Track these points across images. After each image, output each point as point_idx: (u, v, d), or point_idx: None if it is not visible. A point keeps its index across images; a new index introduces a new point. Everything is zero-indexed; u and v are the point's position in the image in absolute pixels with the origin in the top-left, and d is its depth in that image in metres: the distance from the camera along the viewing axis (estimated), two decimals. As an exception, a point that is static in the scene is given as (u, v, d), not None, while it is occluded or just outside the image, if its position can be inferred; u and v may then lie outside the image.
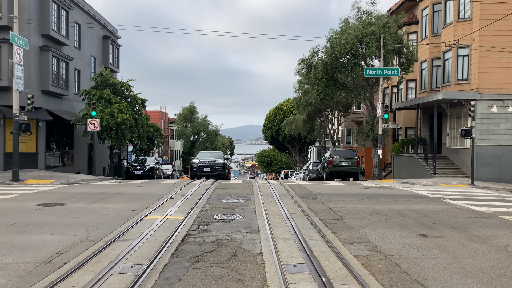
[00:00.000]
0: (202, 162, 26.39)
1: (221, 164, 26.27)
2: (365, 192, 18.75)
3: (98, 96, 29.41)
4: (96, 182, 23.89)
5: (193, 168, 26.35)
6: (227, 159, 29.35)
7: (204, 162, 26.33)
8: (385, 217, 12.55)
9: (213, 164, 26.15)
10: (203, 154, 29.19)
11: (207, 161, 26.36)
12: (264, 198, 16.19)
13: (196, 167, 26.16)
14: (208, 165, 26.06)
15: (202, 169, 25.96)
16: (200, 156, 28.38)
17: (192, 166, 26.70)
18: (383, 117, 25.79)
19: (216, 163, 26.24)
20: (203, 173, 25.89)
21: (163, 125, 66.74)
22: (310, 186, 20.75)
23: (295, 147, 60.93)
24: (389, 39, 26.60)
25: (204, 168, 25.95)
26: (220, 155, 28.36)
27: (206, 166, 25.99)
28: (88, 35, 34.96)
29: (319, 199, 16.20)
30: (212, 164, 26.13)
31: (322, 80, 28.52)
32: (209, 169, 25.92)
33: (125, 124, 28.90)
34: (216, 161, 26.44)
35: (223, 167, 26.24)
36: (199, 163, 26.25)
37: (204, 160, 26.75)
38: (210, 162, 26.23)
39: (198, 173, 25.97)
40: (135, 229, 10.54)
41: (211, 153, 29.41)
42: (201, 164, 26.22)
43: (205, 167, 25.95)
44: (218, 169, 26.01)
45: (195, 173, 26.14)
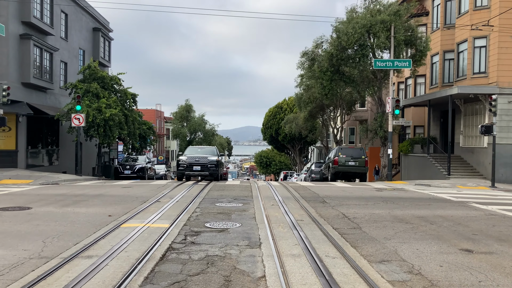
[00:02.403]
0: (190, 159, 22.01)
1: (214, 161, 21.97)
2: (378, 195, 16.64)
3: (85, 90, 27.25)
4: (79, 182, 21.75)
5: (180, 166, 22.09)
6: (222, 155, 25.02)
7: (193, 159, 21.96)
8: (411, 225, 10.44)
9: (204, 161, 21.88)
10: (192, 149, 24.50)
11: (197, 158, 22.04)
12: (265, 202, 14.09)
13: (184, 165, 21.92)
14: (198, 163, 21.82)
15: (191, 168, 21.74)
16: (189, 152, 23.73)
17: (178, 164, 22.40)
18: (393, 113, 23.68)
19: (208, 160, 21.93)
20: (191, 172, 21.85)
21: (159, 124, 64.58)
22: (316, 188, 18.65)
23: (295, 147, 58.80)
24: (400, 28, 24.50)
25: (193, 166, 21.72)
26: (213, 151, 23.73)
27: (195, 164, 21.78)
28: (76, 26, 32.81)
29: (328, 202, 14.10)
30: (203, 161, 21.88)
31: (327, 73, 26.36)
32: (199, 167, 21.68)
33: (114, 120, 26.73)
34: (208, 158, 22.10)
35: (216, 165, 22.00)
36: (187, 161, 21.95)
37: (193, 156, 22.31)
38: (200, 159, 21.99)
39: (185, 172, 21.91)
40: (105, 240, 8.44)
41: (202, 149, 24.81)
42: (189, 161, 21.90)
43: (195, 165, 21.74)
44: (210, 168, 21.76)
45: (182, 173, 22.05)
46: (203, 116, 64.32)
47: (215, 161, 22.08)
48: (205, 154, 22.96)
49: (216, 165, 22.04)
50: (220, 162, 22.96)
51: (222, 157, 24.93)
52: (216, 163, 22.09)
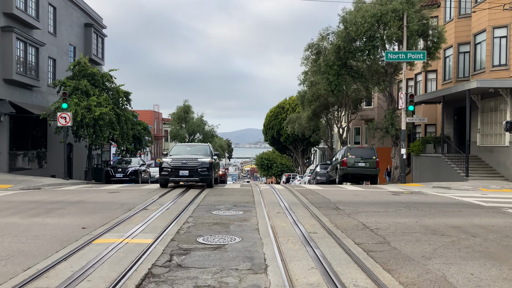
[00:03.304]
0: (176, 161, 17.51)
1: (205, 164, 17.49)
2: (396, 199, 14.73)
3: (73, 87, 25.38)
4: (65, 187, 19.86)
5: (163, 170, 17.56)
6: (217, 155, 20.29)
7: (179, 162, 17.45)
8: (449, 238, 8.54)
9: (193, 164, 17.39)
10: (180, 148, 19.85)
11: (185, 160, 17.50)
12: (269, 209, 12.18)
13: (167, 170, 17.42)
14: (185, 165, 17.35)
15: (176, 173, 17.33)
16: (176, 151, 19.11)
17: (161, 167, 17.74)
18: (407, 110, 21.77)
19: (199, 162, 17.44)
20: (177, 178, 17.58)
21: (157, 126, 62.68)
22: (324, 192, 16.74)
23: (298, 148, 56.82)
24: (413, 17, 22.61)
25: (179, 170, 17.29)
26: (205, 150, 19.16)
27: (182, 167, 17.32)
28: (66, 21, 30.96)
29: (342, 209, 12.19)
30: (192, 164, 17.39)
31: (333, 67, 24.44)
32: (187, 172, 17.25)
33: (104, 119, 24.83)
34: (199, 159, 17.59)
35: (208, 168, 17.53)
36: (172, 163, 17.47)
37: (180, 158, 17.71)
38: (189, 161, 17.46)
39: (170, 178, 17.56)
40: (67, 263, 6.57)
41: (192, 147, 20.08)
42: (174, 164, 17.42)
43: (181, 168, 17.29)
44: (201, 172, 17.31)
45: (166, 179, 17.67)
46: (202, 117, 62.42)
47: (208, 164, 17.58)
48: (195, 154, 18.42)
49: (209, 168, 17.57)
50: (214, 164, 18.74)
51: (216, 157, 20.33)
52: (209, 165, 17.61)
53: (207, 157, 18.15)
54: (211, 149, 19.59)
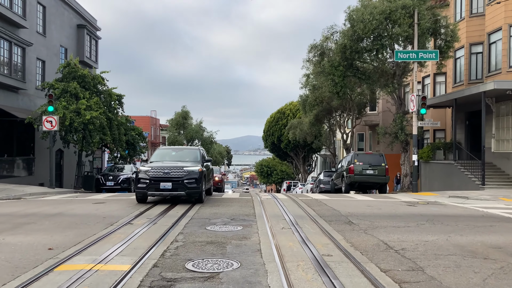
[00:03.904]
0: (156, 170, 13.71)
1: (194, 173, 13.83)
2: (414, 211, 13.14)
3: (62, 90, 23.85)
4: (49, 196, 18.26)
5: (140, 182, 13.82)
6: (209, 161, 16.14)
7: (160, 171, 13.66)
8: (496, 264, 6.99)
9: (178, 174, 13.65)
10: (163, 153, 15.96)
11: (168, 169, 13.72)
12: (272, 223, 10.60)
13: (145, 181, 13.67)
14: (168, 176, 13.59)
15: (157, 185, 13.57)
16: (158, 157, 15.43)
17: (137, 178, 13.99)
18: (419, 113, 20.23)
19: (186, 172, 13.73)
20: (158, 192, 13.73)
21: (154, 132, 61.09)
22: (332, 202, 15.16)
23: (299, 155, 55.20)
24: (425, 14, 21.14)
25: (160, 182, 13.55)
26: (195, 155, 15.41)
27: (164, 178, 13.58)
28: (57, 21, 29.49)
29: (356, 224, 10.61)
30: (176, 174, 13.65)
31: (339, 68, 22.88)
32: (170, 184, 13.53)
33: (94, 123, 23.26)
34: (186, 167, 13.87)
35: (198, 179, 13.84)
36: (151, 173, 13.70)
37: (161, 166, 13.83)
38: (173, 170, 13.70)
39: (148, 192, 13.76)
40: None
41: (179, 151, 16.10)
42: (154, 174, 13.66)
43: (163, 180, 13.56)
44: (188, 184, 13.62)
45: (143, 194, 13.92)
46: (201, 123, 60.94)
47: (197, 173, 13.82)
48: (182, 160, 14.80)
49: (198, 179, 13.82)
50: (205, 173, 14.94)
51: (210, 164, 16.64)
52: (199, 176, 13.85)
53: (196, 164, 14.39)
54: (202, 154, 15.83)
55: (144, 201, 14.36)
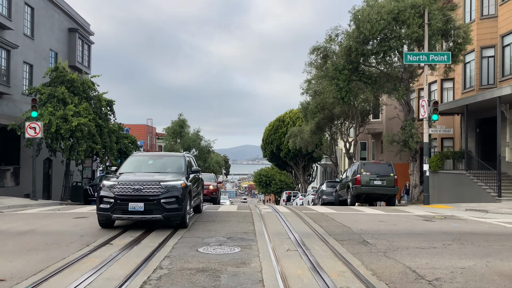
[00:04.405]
0: (124, 186, 10.27)
1: (175, 189, 10.44)
2: (434, 228, 11.66)
3: (49, 95, 22.42)
4: (29, 209, 16.73)
5: (102, 201, 10.33)
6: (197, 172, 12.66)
7: (129, 187, 10.24)
8: None
9: (153, 191, 10.24)
10: (137, 162, 12.45)
11: (139, 184, 10.27)
12: (275, 243, 9.13)
13: (109, 201, 10.23)
14: (138, 194, 10.17)
15: (124, 206, 10.10)
16: (130, 166, 12.05)
17: (99, 196, 10.48)
18: (430, 119, 18.82)
19: (163, 187, 10.32)
20: (125, 215, 10.20)
21: (150, 141, 59.56)
22: (340, 217, 13.68)
23: (299, 164, 53.68)
24: (436, 14, 19.82)
25: (128, 202, 10.11)
26: (178, 164, 12.18)
27: (133, 197, 10.15)
28: (46, 24, 28.12)
29: (372, 244, 9.14)
30: (150, 191, 10.24)
31: (343, 71, 21.45)
32: (142, 204, 10.09)
33: (82, 130, 21.79)
34: (164, 181, 10.45)
35: (179, 197, 10.41)
36: (117, 190, 10.25)
37: (131, 181, 10.40)
38: (146, 185, 10.27)
39: (113, 215, 10.24)
40: None
41: (157, 160, 12.77)
42: (121, 191, 10.21)
43: (132, 199, 10.13)
44: (166, 204, 10.22)
45: (107, 217, 10.40)
46: (199, 132, 59.45)
47: (178, 189, 10.41)
48: (162, 171, 11.66)
49: (180, 197, 10.36)
50: (193, 187, 11.84)
51: (198, 174, 13.34)
52: (182, 192, 10.44)
53: (179, 177, 10.98)
54: (188, 162, 12.52)
55: (109, 226, 10.79)
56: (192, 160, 13.63)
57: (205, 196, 20.48)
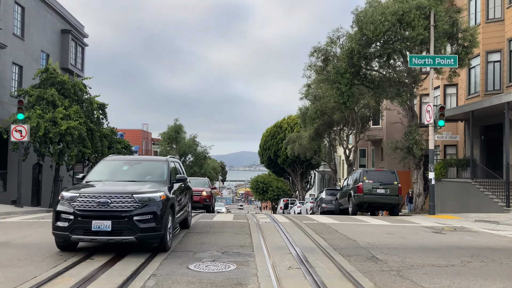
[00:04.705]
0: (87, 198, 8.12)
1: (153, 202, 8.29)
2: (447, 241, 10.77)
3: (38, 96, 21.50)
4: (11, 217, 15.76)
5: (59, 218, 8.13)
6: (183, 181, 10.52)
7: (93, 200, 8.09)
8: None
9: (123, 205, 8.08)
10: (109, 168, 10.21)
11: (106, 196, 8.12)
12: (275, 259, 8.21)
13: (68, 218, 8.04)
14: (105, 210, 8.02)
15: (86, 224, 7.92)
16: (100, 173, 9.89)
17: (55, 211, 8.26)
18: (436, 125, 17.98)
19: (137, 201, 8.16)
20: (88, 236, 7.99)
21: (145, 146, 58.58)
22: (343, 228, 12.77)
23: (296, 171, 52.79)
24: (443, 15, 19.05)
25: (92, 219, 7.93)
26: (159, 171, 9.98)
27: (98, 213, 7.99)
28: (38, 24, 27.24)
29: (383, 260, 8.24)
30: (120, 205, 8.06)
31: (345, 75, 20.59)
32: (109, 223, 7.91)
33: (72, 134, 20.87)
34: (137, 194, 8.26)
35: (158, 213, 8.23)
36: (79, 204, 8.08)
37: (95, 192, 8.27)
38: (114, 197, 8.11)
39: (73, 236, 8.00)
40: None
41: (134, 165, 10.42)
42: (83, 205, 8.05)
43: (96, 216, 7.96)
44: (140, 223, 8.03)
45: (65, 238, 8.14)
46: (195, 138, 58.55)
47: (157, 203, 8.37)
48: (137, 180, 9.46)
49: (159, 214, 8.30)
50: (177, 200, 9.72)
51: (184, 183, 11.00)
52: (161, 207, 8.38)
53: (159, 186, 8.90)
54: (174, 168, 10.59)
55: (70, 248, 8.60)
56: (178, 165, 11.59)
57: (198, 204, 19.39)
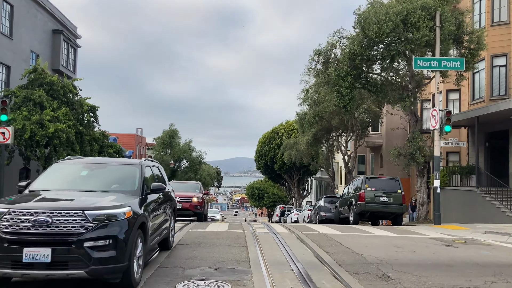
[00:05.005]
0: (20, 215, 5.81)
1: (114, 222, 6.04)
2: (463, 256, 9.86)
3: (24, 97, 20.53)
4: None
5: None
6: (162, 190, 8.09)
7: (28, 218, 5.78)
8: None
9: (69, 225, 5.82)
10: (63, 174, 7.93)
11: (45, 213, 5.82)
12: (275, 277, 7.28)
13: None
14: (42, 234, 5.73)
15: (16, 253, 5.63)
16: (50, 181, 7.60)
17: None
18: (442, 130, 17.14)
19: (90, 219, 5.91)
20: (16, 271, 5.68)
21: (139, 151, 57.51)
22: (347, 240, 11.85)
23: (293, 177, 51.87)
24: (448, 16, 18.27)
25: (25, 246, 5.66)
26: (129, 179, 7.66)
27: (33, 238, 5.71)
28: (27, 23, 26.32)
29: (396, 279, 7.33)
30: (64, 226, 5.80)
31: (346, 78, 19.72)
32: (49, 252, 5.63)
33: (60, 137, 19.89)
34: (90, 209, 6.00)
35: (119, 239, 5.99)
36: (7, 222, 5.79)
37: (33, 208, 5.93)
38: (58, 217, 5.81)
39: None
40: None
41: (96, 170, 8.05)
42: (12, 226, 5.77)
43: (30, 241, 5.69)
44: (94, 250, 5.80)
45: None
46: (190, 143, 57.54)
47: (120, 223, 6.08)
48: (97, 190, 7.17)
49: (121, 238, 6.03)
50: (150, 216, 7.35)
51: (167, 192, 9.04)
52: (126, 228, 6.12)
53: (126, 199, 6.72)
54: (152, 173, 8.58)
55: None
56: (158, 170, 9.17)
57: (188, 211, 18.17)
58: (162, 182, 8.94)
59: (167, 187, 9.19)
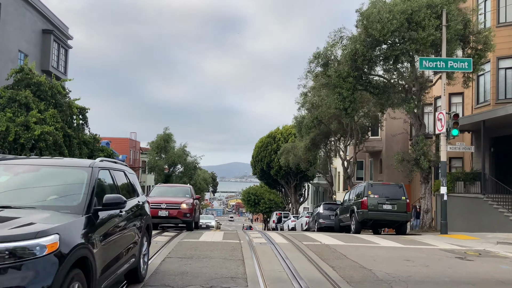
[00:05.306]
0: None
1: (28, 259, 3.69)
2: (481, 272, 8.94)
3: (9, 98, 19.53)
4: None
5: None
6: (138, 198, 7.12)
7: None
8: None
9: None
10: None
11: None
12: (275, 301, 6.31)
13: None
14: None
15: None
16: None
17: None
18: (449, 134, 16.29)
19: None
20: None
21: (133, 155, 56.36)
22: (351, 252, 10.91)
23: (290, 183, 50.90)
24: (455, 14, 17.47)
25: None
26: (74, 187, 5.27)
27: None
28: (15, 22, 25.35)
29: (414, 302, 6.35)
30: None
31: (348, 79, 18.85)
32: None
33: (46, 140, 18.91)
34: None
35: None
36: None
37: None
38: None
39: None
40: None
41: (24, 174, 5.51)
42: None
43: None
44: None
45: None
46: (185, 147, 56.55)
47: (39, 261, 3.75)
48: (21, 207, 4.79)
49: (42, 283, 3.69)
50: (100, 241, 4.90)
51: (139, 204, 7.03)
52: (46, 270, 3.75)
53: (60, 219, 4.45)
54: (113, 180, 6.18)
55: None
56: (125, 175, 6.94)
57: (176, 219, 16.21)
58: (129, 191, 6.76)
59: (137, 199, 7.07)
